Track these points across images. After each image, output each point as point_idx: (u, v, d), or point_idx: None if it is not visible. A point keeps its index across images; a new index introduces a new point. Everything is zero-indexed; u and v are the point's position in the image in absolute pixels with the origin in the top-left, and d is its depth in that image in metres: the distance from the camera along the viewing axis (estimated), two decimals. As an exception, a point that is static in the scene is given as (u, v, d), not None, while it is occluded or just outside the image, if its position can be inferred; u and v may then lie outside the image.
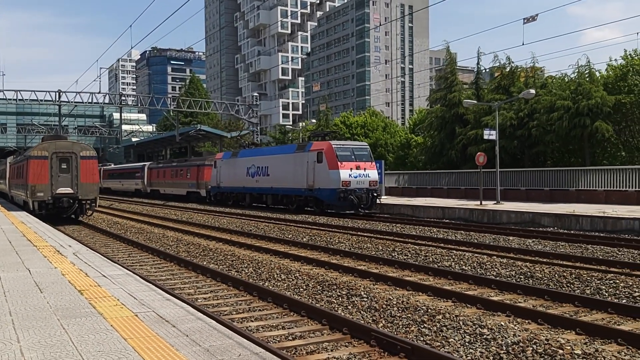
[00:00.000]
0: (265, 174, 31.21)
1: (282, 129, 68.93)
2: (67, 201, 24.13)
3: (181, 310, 5.98)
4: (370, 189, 25.95)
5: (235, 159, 35.25)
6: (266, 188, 31.17)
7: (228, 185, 35.66)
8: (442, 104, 37.65)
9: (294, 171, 28.14)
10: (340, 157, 25.69)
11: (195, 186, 41.53)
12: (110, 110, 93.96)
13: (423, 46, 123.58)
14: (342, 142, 29.20)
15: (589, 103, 26.50)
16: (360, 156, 26.43)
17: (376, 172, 26.76)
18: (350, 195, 25.08)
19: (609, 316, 8.07)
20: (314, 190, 26.52)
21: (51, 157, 24.09)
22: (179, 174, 44.52)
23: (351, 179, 25.41)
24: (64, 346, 4.64)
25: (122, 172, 61.56)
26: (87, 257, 10.20)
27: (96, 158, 25.79)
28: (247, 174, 33.11)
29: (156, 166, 51.31)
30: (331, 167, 25.59)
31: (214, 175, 37.44)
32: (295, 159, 28.27)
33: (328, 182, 25.59)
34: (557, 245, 14.95)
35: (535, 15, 24.68)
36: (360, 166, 25.91)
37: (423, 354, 6.10)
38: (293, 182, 28.17)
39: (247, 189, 33.43)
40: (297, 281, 10.65)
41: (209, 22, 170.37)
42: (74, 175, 24.23)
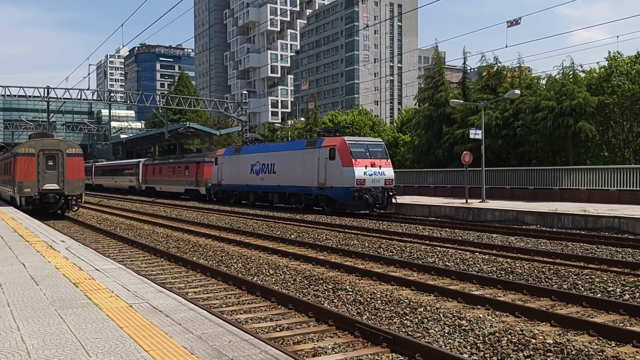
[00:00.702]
0: (271, 172, 29.88)
1: (270, 126, 69.10)
2: (54, 197, 25.01)
3: (174, 302, 6.25)
4: (386, 187, 24.68)
5: (238, 156, 33.81)
6: (272, 186, 29.82)
7: (230, 182, 34.35)
8: (429, 103, 38.05)
9: (303, 168, 26.83)
10: (355, 154, 24.42)
11: (194, 184, 40.25)
12: (98, 106, 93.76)
13: (412, 45, 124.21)
14: (356, 138, 27.79)
15: (572, 103, 26.99)
16: (375, 153, 25.13)
17: (392, 170, 25.56)
18: (365, 195, 23.84)
19: (583, 309, 8.42)
20: (326, 189, 25.28)
21: (38, 154, 24.92)
22: (177, 170, 42.99)
23: (366, 177, 24.17)
24: (62, 334, 4.90)
25: (115, 168, 59.72)
26: (80, 252, 10.43)
27: (82, 155, 26.57)
28: (251, 171, 31.76)
29: (152, 162, 49.75)
30: (345, 164, 24.33)
31: (214, 173, 36.11)
32: (305, 156, 26.94)
33: (341, 180, 24.35)
34: (538, 243, 15.35)
35: (519, 19, 25.18)
36: (376, 163, 24.67)
37: (404, 344, 6.42)
38: (302, 180, 26.87)
39: (251, 187, 32.05)
40: (285, 276, 10.94)
41: (198, 19, 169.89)
42: (60, 172, 25.11)
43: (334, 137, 26.51)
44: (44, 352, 4.38)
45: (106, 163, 66.37)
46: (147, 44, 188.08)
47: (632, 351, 6.34)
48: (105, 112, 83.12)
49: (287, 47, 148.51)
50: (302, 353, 6.37)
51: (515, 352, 6.18)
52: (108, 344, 4.60)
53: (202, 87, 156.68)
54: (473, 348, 6.44)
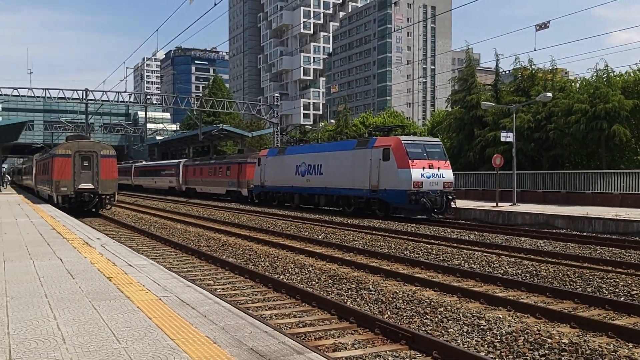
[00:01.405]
0: (317, 173, 28.58)
1: (302, 128, 69.53)
2: (88, 195, 26.40)
3: (200, 295, 6.56)
4: (445, 191, 23.14)
5: (282, 157, 32.59)
6: (318, 188, 28.47)
7: (273, 184, 33.11)
8: (461, 105, 37.91)
9: (353, 170, 25.55)
10: (411, 155, 22.94)
11: (235, 185, 39.26)
12: (135, 108, 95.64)
13: (445, 47, 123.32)
14: (413, 137, 25.97)
15: (606, 107, 26.62)
16: (432, 154, 23.62)
17: (451, 172, 24.04)
18: (422, 198, 22.29)
19: (605, 312, 8.45)
20: (379, 192, 23.87)
21: (74, 155, 26.33)
22: (218, 171, 42.04)
23: (423, 180, 22.68)
24: (95, 323, 5.24)
25: (154, 169, 58.86)
26: (114, 249, 10.87)
27: (115, 157, 27.91)
28: (296, 173, 30.52)
29: (192, 163, 48.68)
30: (400, 165, 22.88)
31: (257, 174, 34.95)
32: (355, 157, 25.58)
33: (396, 182, 22.93)
34: (567, 246, 15.28)
35: (548, 22, 24.92)
36: (434, 165, 23.17)
37: (422, 341, 6.59)
38: (352, 182, 25.57)
39: (296, 189, 30.72)
40: (310, 275, 11.19)
41: (233, 22, 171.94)
42: (95, 172, 26.47)
43: (388, 137, 25.24)
44: (78, 338, 4.71)
45: (146, 164, 65.78)
46: (182, 47, 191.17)
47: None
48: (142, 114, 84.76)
49: (320, 50, 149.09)
50: (322, 348, 6.60)
51: (530, 351, 6.30)
52: (137, 332, 4.91)
53: (236, 89, 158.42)
54: (490, 347, 6.58)
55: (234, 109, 63.60)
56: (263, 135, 68.69)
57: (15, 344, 4.52)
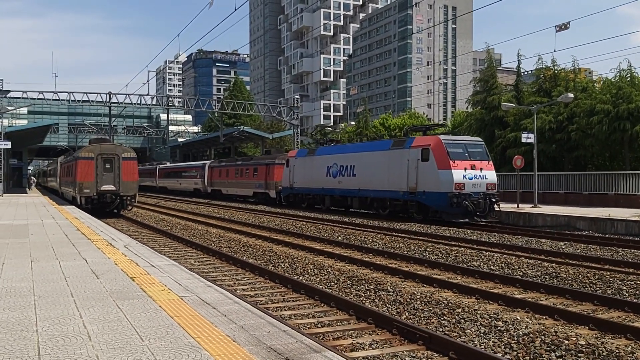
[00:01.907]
0: (350, 174, 27.60)
1: (322, 130, 69.71)
2: (110, 197, 27.37)
3: (221, 295, 6.70)
4: (488, 193, 22.08)
5: (313, 157, 31.59)
6: (351, 190, 27.52)
7: (303, 186, 32.18)
8: (481, 106, 37.71)
9: (389, 171, 24.55)
10: (452, 155, 21.94)
11: (263, 186, 38.31)
12: (157, 111, 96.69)
13: (466, 47, 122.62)
14: (453, 136, 24.59)
15: (629, 107, 26.32)
16: (474, 154, 22.56)
17: (494, 173, 22.97)
18: (464, 201, 21.33)
19: (625, 314, 8.42)
20: (417, 194, 22.84)
21: (97, 158, 27.28)
22: (245, 173, 41.21)
23: (465, 181, 21.70)
24: (119, 321, 5.41)
25: (180, 170, 58.17)
26: (137, 250, 11.09)
27: (136, 159, 28.82)
28: (327, 174, 29.57)
29: (218, 164, 47.95)
30: (441, 166, 21.86)
31: (285, 175, 34.01)
32: (392, 157, 24.54)
33: (437, 184, 21.91)
34: (588, 248, 15.17)
35: (568, 23, 24.72)
36: (476, 165, 22.12)
37: (439, 342, 6.66)
38: (388, 184, 24.57)
39: (327, 191, 29.77)
40: (329, 276, 11.30)
41: (254, 25, 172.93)
42: (116, 174, 27.37)
43: (427, 136, 24.21)
44: (103, 336, 4.88)
45: (170, 165, 65.29)
46: (204, 50, 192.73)
47: (669, 355, 6.38)
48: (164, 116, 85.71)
49: (340, 51, 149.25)
50: (340, 347, 6.69)
51: (547, 352, 6.33)
52: (159, 331, 5.06)
53: (257, 91, 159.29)
54: (507, 348, 6.62)
55: (255, 111, 64.03)
56: (283, 136, 69.02)
57: (43, 341, 4.70)
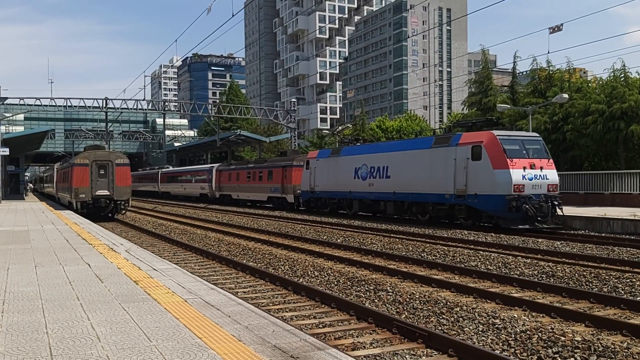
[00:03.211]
0: (383, 176, 25.20)
1: (319, 133, 69.89)
2: (105, 201, 28.49)
3: (224, 298, 6.84)
4: (550, 195, 19.68)
5: (337, 158, 29.18)
6: (385, 193, 25.09)
7: (326, 189, 29.78)
8: (477, 107, 37.95)
9: (430, 172, 22.28)
10: (509, 152, 19.54)
11: (279, 191, 35.81)
12: (153, 116, 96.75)
13: (461, 49, 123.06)
14: (508, 131, 21.53)
15: (622, 107, 26.56)
16: (533, 151, 20.18)
17: (555, 172, 20.52)
18: (524, 205, 18.99)
19: (621, 312, 8.57)
20: (467, 197, 20.47)
21: (91, 164, 28.42)
22: (258, 176, 38.72)
23: (525, 182, 19.32)
24: (126, 323, 5.54)
25: (184, 174, 55.94)
26: (138, 254, 11.22)
27: (129, 165, 29.92)
28: (355, 176, 27.22)
29: (227, 168, 45.59)
30: (497, 165, 19.47)
31: (305, 178, 31.62)
32: (434, 156, 22.27)
33: (492, 186, 19.53)
34: (584, 247, 15.34)
35: (561, 25, 25.10)
36: (536, 164, 19.75)
37: (438, 340, 6.79)
38: (430, 186, 22.29)
39: (355, 195, 27.37)
40: (329, 278, 11.44)
41: (249, 28, 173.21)
42: (111, 180, 28.52)
43: (478, 132, 21.76)
44: (112, 337, 5.00)
45: (174, 169, 63.29)
46: (199, 54, 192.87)
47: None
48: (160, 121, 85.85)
49: (336, 54, 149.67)
50: (342, 347, 6.83)
51: (544, 348, 6.47)
52: (166, 332, 5.19)
53: (253, 95, 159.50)
54: (504, 345, 6.76)
55: (251, 115, 64.22)
56: (281, 140, 69.22)
57: (54, 342, 4.83)
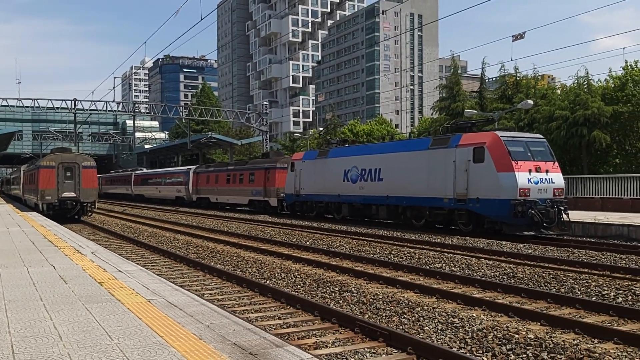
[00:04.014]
0: (375, 178, 24.21)
1: (291, 136, 70.00)
2: (71, 203, 28.72)
3: (188, 298, 6.92)
4: (556, 200, 18.73)
5: (325, 160, 28.05)
6: (377, 197, 24.06)
7: (312, 192, 28.62)
8: (446, 112, 38.55)
9: (428, 174, 21.30)
10: (514, 155, 18.51)
11: (261, 194, 34.41)
12: (123, 117, 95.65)
13: (432, 55, 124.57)
14: (512, 132, 20.69)
15: (585, 113, 27.32)
16: (538, 153, 19.20)
17: (561, 175, 19.61)
18: (530, 210, 18.00)
19: (576, 311, 8.88)
20: (468, 202, 19.47)
21: (58, 166, 28.61)
22: (239, 179, 37.42)
23: (531, 186, 18.39)
24: (89, 323, 5.60)
25: (159, 177, 54.15)
26: (104, 256, 11.20)
27: (95, 168, 30.29)
28: (344, 179, 26.10)
29: (205, 170, 44.22)
30: (501, 168, 18.46)
31: (290, 181, 30.40)
32: (432, 158, 21.25)
33: (496, 189, 18.54)
34: (545, 250, 15.74)
35: (523, 33, 25.75)
36: (541, 167, 18.76)
37: (398, 339, 6.99)
38: (427, 190, 21.29)
39: (345, 198, 26.23)
40: (296, 279, 11.57)
41: (221, 30, 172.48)
42: (77, 182, 28.76)
43: (479, 133, 20.99)
44: (74, 336, 5.06)
45: (148, 171, 61.67)
46: (171, 56, 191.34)
47: (612, 347, 6.81)
48: (130, 123, 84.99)
49: (309, 58, 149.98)
50: (304, 346, 6.97)
51: (499, 345, 6.72)
52: (128, 331, 5.27)
53: (225, 97, 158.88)
54: (462, 342, 6.99)
55: (223, 117, 64.01)
56: (252, 143, 69.12)
57: (16, 341, 4.88)
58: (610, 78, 31.79)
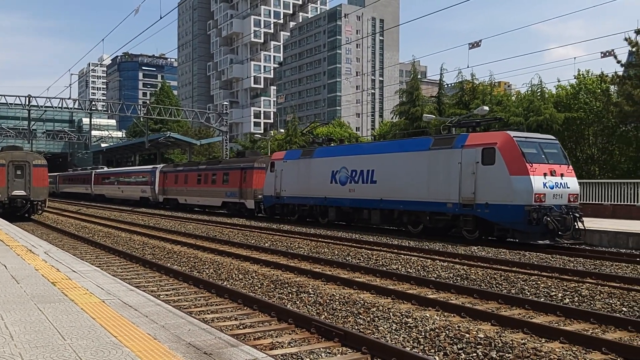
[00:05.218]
0: (367, 180, 22.67)
1: (251, 137, 69.74)
2: (21, 202, 28.83)
3: (143, 298, 6.88)
4: (571, 206, 17.47)
5: (310, 160, 26.31)
6: (369, 200, 22.55)
7: (295, 194, 26.90)
8: (405, 117, 39.07)
9: (428, 177, 19.81)
10: (528, 157, 17.15)
11: (236, 195, 32.70)
12: (79, 115, 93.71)
13: (393, 59, 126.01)
14: (524, 133, 19.39)
15: (538, 119, 28.12)
16: (551, 155, 17.87)
17: (576, 180, 18.34)
18: (545, 217, 16.65)
19: (525, 311, 9.16)
20: (476, 207, 17.96)
21: (8, 165, 28.57)
22: (211, 179, 35.61)
23: (546, 191, 17.01)
24: (41, 323, 5.52)
25: (122, 176, 51.98)
26: (58, 256, 10.99)
27: (46, 166, 30.37)
28: (332, 180, 24.54)
29: (173, 169, 41.96)
30: (514, 171, 17.07)
31: (269, 182, 28.63)
32: (433, 159, 19.74)
33: (508, 194, 17.12)
34: (498, 252, 16.15)
35: (479, 41, 26.39)
36: (556, 171, 17.45)
37: (353, 338, 7.10)
38: (427, 194, 19.77)
39: (332, 201, 24.67)
40: (254, 280, 11.59)
41: (182, 29, 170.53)
42: (27, 180, 28.83)
43: (488, 132, 19.82)
44: (25, 336, 4.99)
45: (110, 170, 59.21)
46: (130, 53, 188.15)
47: (558, 346, 7.07)
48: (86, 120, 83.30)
49: (271, 59, 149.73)
50: (260, 347, 7.00)
51: (450, 345, 6.90)
52: (81, 331, 5.22)
53: (185, 97, 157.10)
54: (415, 342, 7.15)
55: (182, 117, 63.30)
56: (212, 143, 68.54)
57: (-37, 342, 4.78)
58: (561, 88, 32.81)
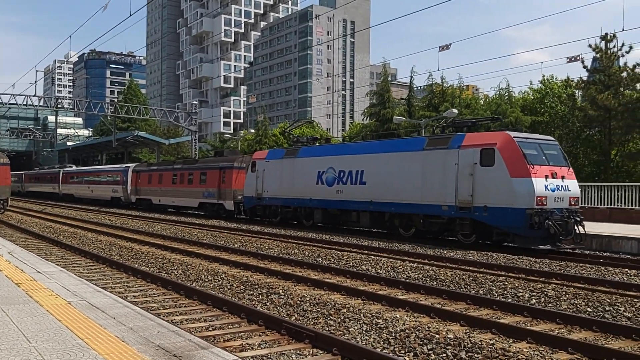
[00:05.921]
0: (356, 182, 21.76)
1: (221, 137, 69.30)
2: None
3: (110, 300, 6.76)
4: (572, 209, 16.95)
5: (294, 160, 25.31)
6: (359, 202, 21.65)
7: (278, 195, 25.86)
8: (376, 118, 39.31)
9: (422, 178, 19.09)
10: (529, 158, 16.58)
11: (214, 196, 31.69)
12: (45, 113, 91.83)
13: (364, 61, 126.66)
14: (524, 134, 18.84)
15: (505, 122, 28.53)
16: (551, 157, 17.31)
17: (577, 183, 17.80)
18: (547, 221, 16.06)
19: (493, 312, 9.28)
20: (474, 210, 17.30)
21: None
22: (188, 179, 34.49)
23: (548, 194, 16.51)
24: (5, 325, 5.37)
25: (92, 175, 50.22)
26: (22, 256, 10.74)
27: (9, 165, 30.43)
28: (318, 181, 23.57)
29: (147, 169, 40.65)
30: (515, 173, 16.49)
31: (250, 182, 27.52)
32: (428, 160, 19.00)
33: (509, 197, 16.53)
34: (466, 253, 16.33)
35: (449, 44, 26.74)
36: (557, 173, 16.93)
37: (324, 340, 7.09)
38: (421, 196, 19.03)
39: (318, 203, 23.66)
40: (223, 282, 11.49)
41: (151, 27, 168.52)
42: None
43: (487, 132, 19.29)
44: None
45: (79, 169, 57.61)
46: (97, 51, 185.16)
47: (525, 346, 7.18)
48: (52, 118, 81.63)
49: (241, 58, 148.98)
50: (230, 348, 6.94)
51: (420, 345, 6.94)
52: (47, 333, 5.10)
53: (154, 95, 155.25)
54: (385, 343, 7.18)
55: (151, 116, 62.53)
56: (181, 142, 67.85)
57: None
58: (530, 90, 33.47)
